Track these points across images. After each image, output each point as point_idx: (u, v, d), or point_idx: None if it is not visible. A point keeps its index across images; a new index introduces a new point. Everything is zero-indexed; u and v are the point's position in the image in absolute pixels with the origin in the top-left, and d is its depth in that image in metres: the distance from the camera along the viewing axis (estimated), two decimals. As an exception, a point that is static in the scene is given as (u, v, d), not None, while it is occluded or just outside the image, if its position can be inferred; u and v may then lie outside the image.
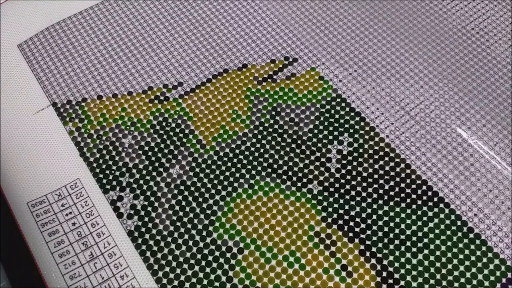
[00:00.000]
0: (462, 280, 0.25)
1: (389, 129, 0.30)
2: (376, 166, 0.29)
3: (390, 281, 0.25)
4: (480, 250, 0.26)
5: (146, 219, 0.27)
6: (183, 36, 0.34)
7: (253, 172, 0.28)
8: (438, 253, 0.26)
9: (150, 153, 0.29)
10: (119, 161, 0.29)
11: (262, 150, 0.29)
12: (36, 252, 0.26)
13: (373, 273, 0.26)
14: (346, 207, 0.27)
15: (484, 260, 0.26)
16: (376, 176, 0.28)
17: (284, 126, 0.30)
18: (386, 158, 0.29)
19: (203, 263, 0.26)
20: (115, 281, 0.25)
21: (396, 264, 0.26)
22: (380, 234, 0.27)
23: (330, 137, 0.30)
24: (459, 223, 0.27)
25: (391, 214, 0.27)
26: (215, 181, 0.28)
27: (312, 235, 0.27)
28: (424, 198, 0.28)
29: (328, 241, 0.26)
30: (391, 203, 0.27)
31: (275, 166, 0.29)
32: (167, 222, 0.27)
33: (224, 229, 0.27)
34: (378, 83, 0.32)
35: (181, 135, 0.30)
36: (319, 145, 0.29)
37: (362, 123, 0.30)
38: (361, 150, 0.29)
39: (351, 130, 0.30)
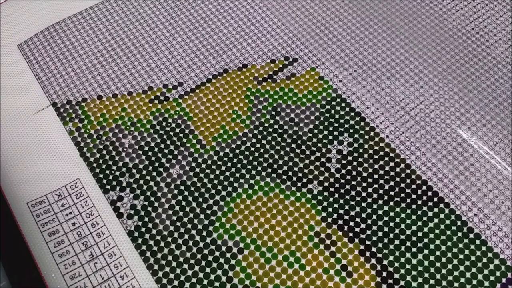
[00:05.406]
0: (462, 280, 0.25)
1: (389, 129, 0.30)
2: (376, 166, 0.29)
3: (390, 281, 0.25)
4: (480, 250, 0.26)
5: (146, 219, 0.27)
6: (183, 36, 0.34)
7: (253, 172, 0.28)
8: (438, 253, 0.26)
9: (150, 153, 0.29)
10: (119, 161, 0.29)
11: (262, 150, 0.29)
12: (36, 252, 0.26)
13: (373, 273, 0.26)
14: (346, 207, 0.27)
15: (484, 260, 0.26)
16: (376, 176, 0.28)
17: (284, 126, 0.30)
18: (386, 158, 0.29)
19: (203, 263, 0.26)
20: (115, 281, 0.25)
21: (396, 264, 0.26)
22: (380, 234, 0.27)
23: (330, 137, 0.30)
24: (459, 223, 0.27)
25: (391, 214, 0.27)
26: (215, 181, 0.28)
27: (312, 235, 0.27)
28: (424, 198, 0.28)
29: (328, 241, 0.26)
30: (391, 203, 0.27)
31: (275, 166, 0.29)
32: (167, 222, 0.27)
33: (224, 229, 0.27)
34: (378, 83, 0.32)
35: (181, 135, 0.30)
36: (319, 145, 0.29)
37: (362, 123, 0.30)
38: (361, 150, 0.29)
39: (351, 130, 0.30)
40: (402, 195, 0.28)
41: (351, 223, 0.27)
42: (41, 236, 0.26)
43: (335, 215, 0.27)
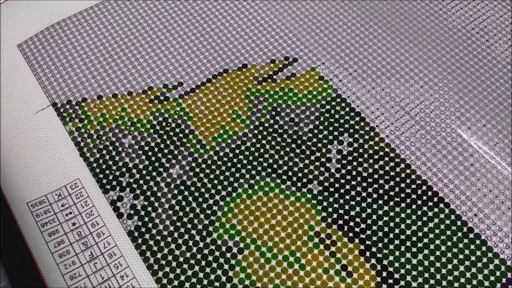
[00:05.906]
0: (462, 280, 0.25)
1: (389, 129, 0.30)
2: (376, 166, 0.29)
3: (390, 281, 0.25)
4: (480, 250, 0.26)
5: (146, 219, 0.27)
6: (183, 36, 0.34)
7: (253, 172, 0.28)
8: (438, 253, 0.26)
9: (150, 153, 0.29)
10: (119, 161, 0.29)
11: (262, 150, 0.29)
12: (36, 252, 0.26)
13: (373, 273, 0.26)
14: (346, 207, 0.27)
15: (484, 260, 0.26)
16: (376, 176, 0.28)
17: (284, 126, 0.30)
18: (386, 158, 0.29)
19: (203, 263, 0.26)
20: (115, 281, 0.25)
21: (396, 264, 0.26)
22: (380, 234, 0.27)
23: (330, 137, 0.30)
24: (459, 223, 0.27)
25: (391, 214, 0.27)
26: (215, 181, 0.28)
27: (312, 235, 0.27)
28: (424, 198, 0.28)
29: (328, 241, 0.26)
30: (391, 203, 0.27)
31: (275, 166, 0.29)
32: (167, 222, 0.27)
33: (224, 229, 0.27)
34: (378, 83, 0.32)
35: (181, 135, 0.30)
36: (319, 145, 0.29)
37: (362, 123, 0.30)
38: (361, 150, 0.29)
39: (351, 130, 0.30)
40: (402, 195, 0.28)
41: (351, 223, 0.27)
42: (41, 236, 0.26)
43: (335, 215, 0.27)
